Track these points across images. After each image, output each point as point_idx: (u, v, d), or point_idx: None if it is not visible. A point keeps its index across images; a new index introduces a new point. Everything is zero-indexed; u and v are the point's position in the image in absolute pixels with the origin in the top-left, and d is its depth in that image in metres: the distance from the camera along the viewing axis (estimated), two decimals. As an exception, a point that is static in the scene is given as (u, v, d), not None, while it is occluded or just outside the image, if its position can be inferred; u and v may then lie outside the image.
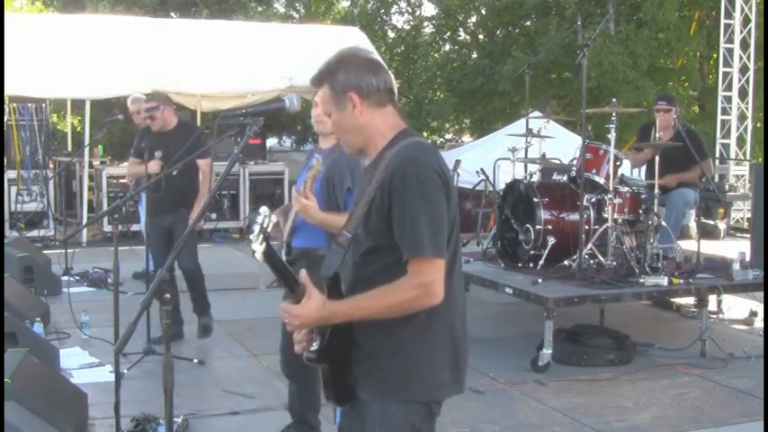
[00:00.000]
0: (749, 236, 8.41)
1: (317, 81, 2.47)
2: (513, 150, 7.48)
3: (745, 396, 5.28)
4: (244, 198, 12.15)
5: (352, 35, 13.49)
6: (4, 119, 11.01)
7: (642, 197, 6.70)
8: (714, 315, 6.62)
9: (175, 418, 4.26)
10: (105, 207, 11.16)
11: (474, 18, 23.78)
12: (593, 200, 6.52)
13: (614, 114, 6.60)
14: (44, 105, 11.50)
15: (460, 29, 24.39)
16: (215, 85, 11.91)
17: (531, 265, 6.50)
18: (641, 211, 6.57)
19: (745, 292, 6.83)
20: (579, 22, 7.40)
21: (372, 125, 2.44)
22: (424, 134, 21.58)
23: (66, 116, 15.03)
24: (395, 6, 24.70)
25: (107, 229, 10.90)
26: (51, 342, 5.91)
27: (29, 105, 11.18)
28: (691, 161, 7.18)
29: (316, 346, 2.40)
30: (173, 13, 17.07)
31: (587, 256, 6.31)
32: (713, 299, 6.63)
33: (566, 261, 6.41)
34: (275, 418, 4.65)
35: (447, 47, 24.87)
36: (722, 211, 12.18)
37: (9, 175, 10.96)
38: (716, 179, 12.63)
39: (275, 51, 12.51)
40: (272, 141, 18.40)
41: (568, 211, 6.61)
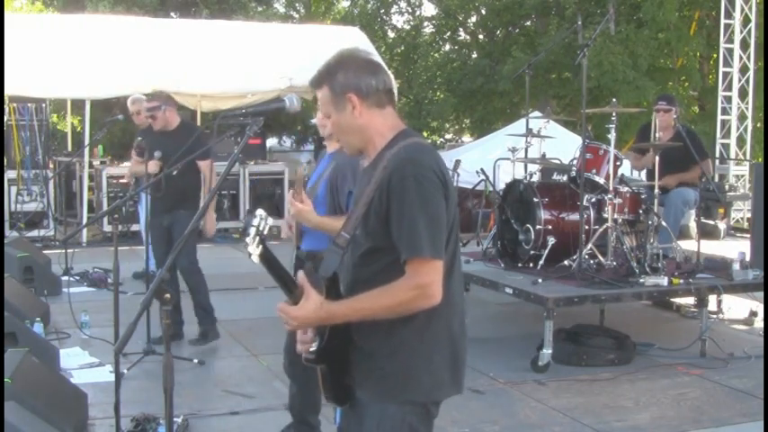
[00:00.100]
0: (749, 236, 8.41)
1: (316, 82, 2.46)
2: (513, 150, 7.47)
3: (745, 396, 5.28)
4: (244, 198, 12.16)
5: (352, 35, 13.49)
6: (4, 119, 11.01)
7: (642, 197, 6.70)
8: (714, 315, 6.63)
9: (175, 418, 4.27)
10: (105, 207, 11.17)
11: (474, 18, 23.78)
12: (593, 200, 6.51)
13: (614, 114, 6.60)
14: (44, 105, 11.51)
15: (460, 29, 24.39)
16: (215, 85, 11.91)
17: (531, 265, 6.50)
18: (641, 211, 6.57)
19: (745, 292, 6.84)
20: (579, 22, 7.42)
21: (372, 126, 2.44)
22: (424, 134, 21.60)
23: (66, 116, 15.03)
24: (395, 6, 24.71)
25: (107, 229, 10.91)
26: (51, 342, 5.91)
27: (29, 105, 11.19)
28: (691, 161, 7.18)
29: (314, 347, 2.40)
30: (173, 13, 17.07)
31: (587, 256, 6.31)
32: (713, 299, 6.64)
33: (566, 261, 6.41)
34: (275, 418, 4.65)
35: (447, 47, 24.87)
36: (722, 211, 12.17)
37: (9, 175, 10.97)
38: (716, 179, 12.63)
39: (275, 51, 12.51)
40: (272, 141, 18.38)
41: (568, 211, 6.60)
